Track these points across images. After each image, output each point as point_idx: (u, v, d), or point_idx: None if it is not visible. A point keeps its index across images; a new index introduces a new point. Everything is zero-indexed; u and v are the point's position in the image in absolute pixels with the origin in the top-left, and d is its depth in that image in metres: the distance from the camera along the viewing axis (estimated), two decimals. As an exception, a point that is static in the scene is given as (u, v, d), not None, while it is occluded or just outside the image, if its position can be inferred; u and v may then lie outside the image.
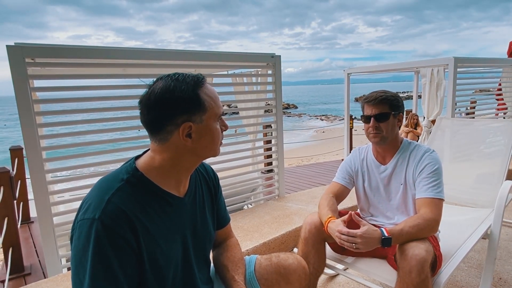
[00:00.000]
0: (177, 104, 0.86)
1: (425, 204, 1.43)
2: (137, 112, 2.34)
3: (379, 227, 1.39)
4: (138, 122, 2.36)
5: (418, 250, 1.26)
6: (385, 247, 1.31)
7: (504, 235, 2.61)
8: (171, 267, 0.94)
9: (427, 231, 1.36)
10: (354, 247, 1.28)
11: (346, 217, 1.42)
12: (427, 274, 1.25)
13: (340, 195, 1.70)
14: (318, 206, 1.62)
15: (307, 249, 1.54)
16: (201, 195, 1.07)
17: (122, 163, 0.96)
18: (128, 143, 2.35)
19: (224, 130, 0.98)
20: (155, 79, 0.91)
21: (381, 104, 1.53)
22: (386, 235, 1.29)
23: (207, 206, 1.09)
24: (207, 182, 1.12)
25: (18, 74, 1.86)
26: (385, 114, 1.53)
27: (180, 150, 0.89)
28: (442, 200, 1.44)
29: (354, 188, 1.76)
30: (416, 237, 1.33)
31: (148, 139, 2.60)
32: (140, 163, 0.92)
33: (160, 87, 0.86)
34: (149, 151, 0.94)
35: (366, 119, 1.58)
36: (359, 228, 1.32)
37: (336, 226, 1.38)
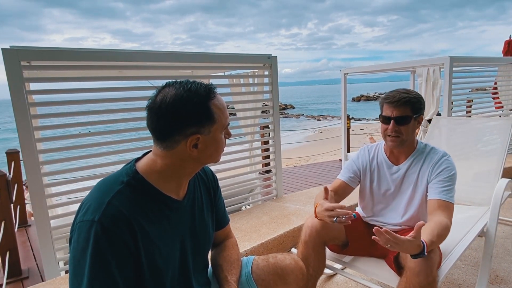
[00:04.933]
0: (189, 117, 0.85)
1: (440, 207, 1.39)
2: (133, 114, 2.35)
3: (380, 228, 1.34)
4: (134, 124, 2.36)
5: (428, 252, 1.24)
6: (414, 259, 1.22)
7: (500, 233, 2.63)
8: (169, 270, 0.94)
9: (444, 240, 1.33)
10: (388, 246, 1.16)
11: (323, 194, 1.41)
12: (434, 277, 1.24)
13: (341, 193, 1.66)
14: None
15: (307, 252, 1.53)
16: (200, 197, 1.08)
17: (120, 165, 0.96)
18: (126, 145, 2.34)
19: (227, 138, 0.98)
20: (163, 84, 0.90)
21: (403, 106, 1.45)
22: (425, 253, 1.18)
23: (206, 208, 1.09)
24: (206, 184, 1.12)
25: (14, 77, 1.85)
26: (407, 117, 1.45)
27: (185, 158, 0.90)
28: (453, 205, 1.42)
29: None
30: (437, 246, 1.30)
31: (147, 141, 2.58)
32: (140, 165, 0.92)
33: (172, 97, 0.84)
34: (150, 153, 0.94)
35: (385, 120, 1.50)
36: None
37: (321, 207, 1.34)
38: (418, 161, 1.55)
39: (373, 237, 1.16)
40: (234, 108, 3.33)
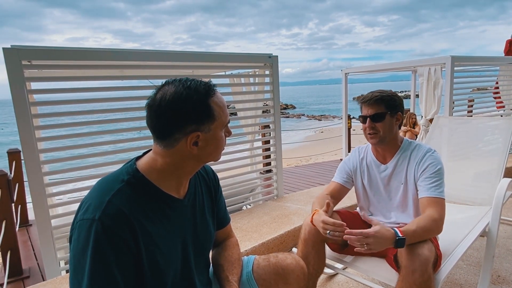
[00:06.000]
0: (189, 115, 0.85)
1: (430, 204, 1.42)
2: (134, 114, 2.35)
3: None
4: (136, 123, 2.36)
5: (421, 250, 1.26)
6: (397, 248, 1.27)
7: (502, 233, 2.62)
8: (171, 269, 0.94)
9: (434, 232, 1.36)
10: (366, 248, 1.23)
11: (325, 206, 1.44)
12: (430, 274, 1.26)
13: (338, 194, 1.70)
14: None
15: (306, 250, 1.54)
16: (201, 196, 1.07)
17: (121, 165, 0.96)
18: (127, 145, 2.34)
19: (228, 136, 0.98)
20: (163, 82, 0.90)
21: (376, 104, 1.53)
22: (400, 235, 1.24)
23: (207, 207, 1.09)
24: (207, 183, 1.12)
25: (14, 77, 1.85)
26: (381, 114, 1.53)
27: (185, 156, 0.89)
28: (444, 199, 1.45)
29: (353, 187, 1.76)
30: (424, 238, 1.32)
31: (147, 141, 2.58)
32: (141, 164, 0.92)
33: (171, 95, 0.84)
34: (150, 152, 0.94)
35: (362, 119, 1.58)
36: (363, 227, 1.32)
37: (319, 217, 1.38)
38: (404, 159, 1.58)
39: (355, 249, 1.25)
40: (234, 107, 3.33)
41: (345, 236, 1.25)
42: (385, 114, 1.53)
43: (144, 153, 0.96)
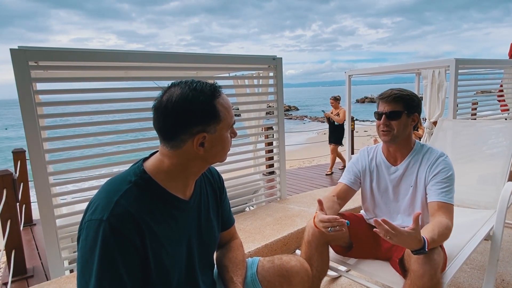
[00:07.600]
0: (194, 115, 0.86)
1: (440, 209, 1.40)
2: (139, 115, 2.36)
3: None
4: (141, 124, 2.38)
5: (432, 254, 1.25)
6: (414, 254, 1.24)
7: (507, 237, 2.60)
8: (176, 270, 0.95)
9: (445, 239, 1.35)
10: (388, 238, 1.17)
11: (318, 206, 1.40)
12: (439, 279, 1.25)
13: (345, 196, 1.67)
14: None
15: (310, 252, 1.53)
16: (206, 198, 1.08)
17: (126, 165, 0.97)
18: (132, 145, 2.35)
19: (233, 137, 0.99)
20: (169, 84, 0.91)
21: (394, 102, 1.50)
22: (426, 249, 1.19)
23: (211, 208, 1.10)
24: (212, 185, 1.13)
25: (21, 77, 1.87)
26: (398, 112, 1.50)
27: (191, 157, 0.90)
28: (453, 206, 1.44)
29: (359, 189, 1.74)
30: (437, 245, 1.31)
31: (153, 142, 2.59)
32: (148, 165, 0.92)
33: (178, 96, 0.85)
34: (157, 153, 0.94)
35: (378, 116, 1.55)
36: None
37: (317, 218, 1.34)
38: (415, 162, 1.56)
39: (374, 229, 1.18)
40: (238, 109, 3.34)
41: (375, 219, 1.18)
42: (402, 113, 1.50)
43: (151, 155, 0.97)
